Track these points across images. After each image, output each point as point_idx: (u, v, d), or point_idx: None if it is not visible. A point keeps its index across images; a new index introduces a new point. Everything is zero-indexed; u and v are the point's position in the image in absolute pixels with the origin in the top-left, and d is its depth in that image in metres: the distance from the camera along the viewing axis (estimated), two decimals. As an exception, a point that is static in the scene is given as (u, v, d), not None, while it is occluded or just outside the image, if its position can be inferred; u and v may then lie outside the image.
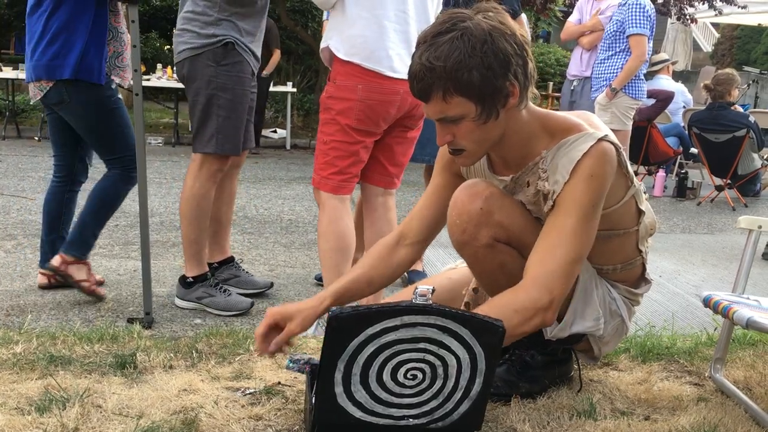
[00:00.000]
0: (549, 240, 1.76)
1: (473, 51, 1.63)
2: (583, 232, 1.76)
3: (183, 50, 2.75)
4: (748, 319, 1.81)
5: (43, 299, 2.95)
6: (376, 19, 2.49)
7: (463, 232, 1.86)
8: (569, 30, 5.98)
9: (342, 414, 1.62)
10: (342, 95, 2.54)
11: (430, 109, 1.73)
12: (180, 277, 2.96)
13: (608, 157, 1.77)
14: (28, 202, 4.91)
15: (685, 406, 2.04)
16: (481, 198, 1.84)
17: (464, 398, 1.66)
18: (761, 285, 3.82)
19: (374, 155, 2.69)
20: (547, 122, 1.85)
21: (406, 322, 1.59)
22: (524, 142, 1.84)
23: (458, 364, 1.64)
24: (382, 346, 1.60)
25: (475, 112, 1.70)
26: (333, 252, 2.58)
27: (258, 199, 5.59)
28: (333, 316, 1.57)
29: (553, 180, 1.79)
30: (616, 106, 5.18)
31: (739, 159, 6.52)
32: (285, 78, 11.24)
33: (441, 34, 1.66)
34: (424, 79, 1.67)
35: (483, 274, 1.94)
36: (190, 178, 2.84)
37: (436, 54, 1.65)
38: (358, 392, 1.62)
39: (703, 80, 7.82)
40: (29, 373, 2.02)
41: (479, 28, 1.65)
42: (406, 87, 2.53)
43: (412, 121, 2.68)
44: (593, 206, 1.76)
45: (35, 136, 8.73)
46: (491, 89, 1.67)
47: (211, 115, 2.76)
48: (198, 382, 2.02)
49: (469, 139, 1.76)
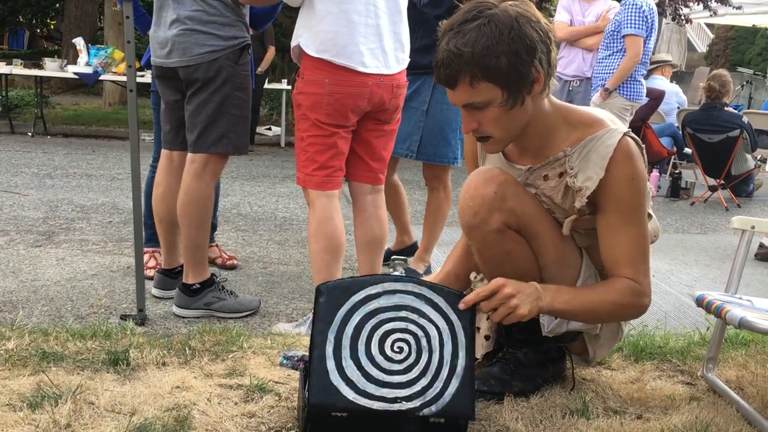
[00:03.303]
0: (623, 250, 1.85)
1: (501, 37, 1.66)
2: (647, 230, 1.89)
3: (203, 53, 2.64)
4: (740, 318, 1.82)
5: (36, 295, 2.94)
6: (345, 13, 2.47)
7: (475, 215, 1.88)
8: (572, 30, 5.84)
9: (335, 394, 1.64)
10: (310, 90, 2.52)
11: (457, 96, 1.75)
12: (181, 286, 2.81)
13: (637, 154, 1.84)
14: (21, 198, 4.89)
15: (678, 405, 2.05)
16: (495, 183, 1.86)
17: (451, 375, 1.71)
18: (754, 285, 3.84)
19: (355, 151, 2.68)
20: (569, 114, 1.88)
21: (387, 289, 1.74)
22: (545, 132, 1.86)
23: (439, 336, 1.73)
24: (367, 314, 1.72)
25: (502, 97, 1.73)
26: (323, 253, 2.57)
27: (252, 197, 5.58)
28: (319, 287, 1.71)
29: (585, 177, 1.82)
30: (611, 107, 5.17)
31: (732, 159, 6.54)
32: (280, 75, 11.23)
33: (468, 22, 1.69)
34: (451, 65, 1.69)
35: (489, 261, 1.94)
36: (193, 179, 2.73)
37: (464, 40, 1.67)
38: (349, 368, 1.67)
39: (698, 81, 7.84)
40: (21, 370, 2.01)
41: (506, 14, 1.68)
42: (375, 80, 2.54)
43: (386, 115, 2.67)
44: (644, 205, 1.87)
45: (29, 131, 8.70)
46: (518, 75, 1.70)
47: (224, 115, 2.70)
48: (191, 379, 2.02)
49: (496, 126, 1.78)
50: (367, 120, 2.64)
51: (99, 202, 4.93)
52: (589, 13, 5.79)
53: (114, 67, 7.97)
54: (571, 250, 1.95)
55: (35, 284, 3.09)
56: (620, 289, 1.84)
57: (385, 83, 2.56)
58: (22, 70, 8.68)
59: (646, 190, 1.87)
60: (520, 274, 1.89)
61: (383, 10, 2.55)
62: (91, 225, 4.26)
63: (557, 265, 1.93)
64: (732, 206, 6.56)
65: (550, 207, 1.91)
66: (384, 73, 2.55)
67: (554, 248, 1.92)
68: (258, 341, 2.37)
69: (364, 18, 2.50)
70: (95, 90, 12.99)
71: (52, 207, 4.68)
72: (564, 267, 1.94)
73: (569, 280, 1.95)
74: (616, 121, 1.90)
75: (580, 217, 1.89)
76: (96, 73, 7.98)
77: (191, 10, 2.65)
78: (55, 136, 8.80)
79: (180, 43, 2.66)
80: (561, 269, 1.94)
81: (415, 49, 2.90)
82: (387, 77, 2.57)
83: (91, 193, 5.25)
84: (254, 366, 2.15)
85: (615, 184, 1.81)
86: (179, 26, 2.66)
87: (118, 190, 5.45)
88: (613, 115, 1.98)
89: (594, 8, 5.76)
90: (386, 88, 2.57)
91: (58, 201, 4.89)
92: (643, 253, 1.87)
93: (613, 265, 1.87)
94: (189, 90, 2.72)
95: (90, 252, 3.65)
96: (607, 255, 1.88)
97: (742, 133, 6.41)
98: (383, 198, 2.82)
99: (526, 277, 1.91)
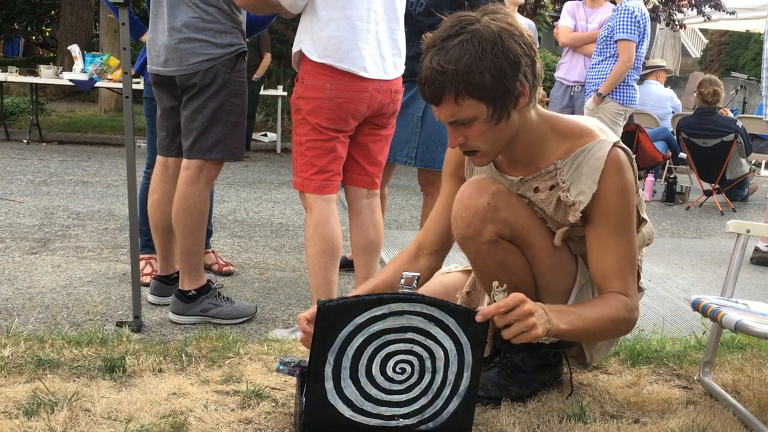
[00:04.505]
0: (612, 263, 1.85)
1: (484, 53, 1.65)
2: (635, 241, 1.90)
3: (199, 61, 2.64)
4: (736, 322, 1.82)
5: (32, 303, 2.93)
6: (348, 19, 2.48)
7: (468, 226, 1.87)
8: (575, 36, 5.85)
9: (332, 412, 1.62)
10: (310, 95, 2.53)
11: (442, 112, 1.75)
12: (177, 292, 2.81)
13: (627, 165, 1.84)
14: (17, 205, 4.88)
15: (674, 409, 2.05)
16: (488, 193, 1.86)
17: (453, 394, 1.67)
18: (749, 289, 3.84)
19: (352, 156, 2.69)
20: (556, 124, 1.88)
21: (393, 310, 1.63)
22: (534, 143, 1.86)
23: (446, 357, 1.66)
24: (371, 336, 1.63)
25: (487, 113, 1.72)
26: (320, 256, 2.57)
27: (248, 203, 5.58)
28: (321, 305, 1.60)
29: (577, 191, 1.83)
30: (604, 112, 5.19)
31: (727, 164, 6.56)
32: (275, 82, 11.23)
33: (450, 38, 1.68)
34: (435, 83, 1.69)
35: (483, 271, 1.94)
36: (188, 186, 2.73)
37: (446, 57, 1.66)
38: (347, 387, 1.63)
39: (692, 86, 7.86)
40: (17, 377, 2.01)
41: (488, 30, 1.67)
42: (375, 85, 2.55)
43: (383, 120, 2.68)
44: (633, 215, 1.87)
45: (24, 139, 8.68)
46: (503, 90, 1.70)
47: (219, 121, 2.71)
48: (187, 385, 2.01)
49: (482, 140, 1.78)
50: (365, 125, 2.65)
51: (94, 209, 4.92)
52: (593, 19, 5.81)
53: (109, 74, 7.97)
54: (566, 257, 1.95)
55: (31, 291, 3.08)
56: (615, 305, 1.83)
57: (384, 88, 2.58)
58: (18, 77, 8.67)
59: (635, 201, 1.87)
60: (514, 284, 1.88)
61: (382, 17, 2.56)
62: (87, 232, 4.25)
63: (552, 274, 1.93)
64: (727, 210, 6.58)
65: (542, 216, 1.91)
66: (383, 78, 2.57)
67: (549, 257, 1.92)
68: (254, 347, 2.37)
69: (366, 24, 2.51)
70: (91, 97, 12.97)
71: (47, 214, 4.67)
72: (559, 275, 1.94)
73: (565, 288, 1.95)
74: (606, 130, 1.90)
75: (572, 227, 1.89)
76: (91, 80, 7.97)
77: (187, 17, 2.65)
78: (50, 143, 8.79)
79: (176, 51, 2.66)
80: (556, 277, 1.94)
81: (411, 56, 2.91)
82: (386, 83, 2.59)
83: (86, 200, 5.24)
84: (251, 372, 2.14)
85: (604, 197, 1.81)
86: (175, 34, 2.66)
87: (113, 196, 5.44)
88: (604, 121, 1.99)
89: (598, 15, 5.78)
90: (385, 93, 2.59)
91: (53, 208, 4.88)
92: (631, 265, 1.87)
93: (603, 278, 1.87)
94: (185, 96, 2.72)
95: (86, 259, 3.64)
96: (595, 267, 1.87)
97: (736, 137, 6.43)
98: (379, 202, 2.83)
99: (521, 286, 1.91)
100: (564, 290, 1.94)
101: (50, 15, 18.57)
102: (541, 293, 1.95)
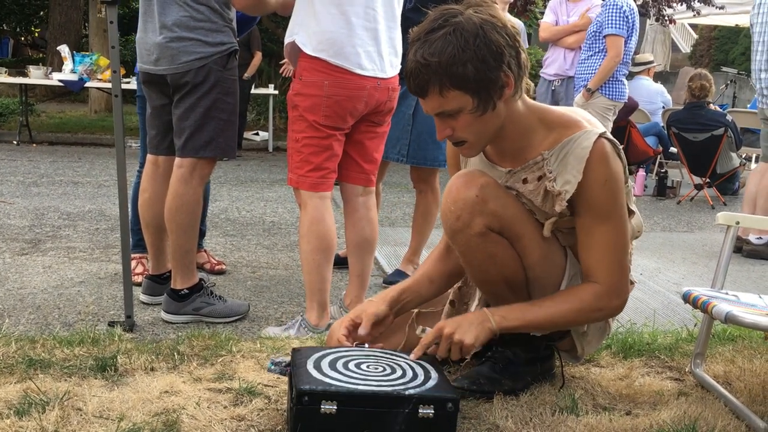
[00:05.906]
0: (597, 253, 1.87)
1: (466, 45, 1.68)
2: (624, 230, 1.89)
3: (191, 60, 2.64)
4: (727, 313, 1.83)
5: (23, 304, 2.92)
6: (345, 15, 2.48)
7: (457, 219, 1.88)
8: (553, 29, 5.91)
9: (322, 384, 1.68)
10: (309, 92, 2.52)
11: (428, 105, 1.78)
12: (169, 291, 2.80)
13: (612, 155, 1.84)
14: (7, 207, 4.86)
15: (666, 400, 2.06)
16: (476, 186, 1.87)
17: (428, 379, 1.77)
18: (740, 281, 3.86)
19: (348, 153, 2.69)
20: (544, 115, 1.89)
21: (357, 352, 1.90)
22: (522, 134, 1.88)
23: (412, 369, 1.83)
24: (341, 356, 1.85)
25: (472, 104, 1.74)
26: (314, 253, 2.57)
27: (240, 202, 5.57)
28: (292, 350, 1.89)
29: (563, 180, 1.83)
30: (593, 107, 5.20)
31: (717, 158, 6.59)
32: (267, 80, 11.22)
33: (434, 31, 1.71)
34: (420, 76, 1.72)
35: (473, 264, 1.95)
36: (180, 185, 2.71)
37: (430, 50, 1.69)
38: (331, 374, 1.74)
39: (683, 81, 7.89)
40: (8, 377, 1.99)
41: (471, 22, 1.70)
42: (373, 83, 2.55)
43: (379, 117, 2.68)
44: (620, 205, 1.86)
45: (14, 140, 8.64)
46: (487, 81, 1.72)
47: (211, 119, 2.70)
48: (180, 383, 2.01)
49: (469, 131, 1.80)
50: (361, 122, 2.65)
51: (85, 209, 4.91)
52: (574, 13, 5.84)
53: (99, 74, 7.94)
54: (555, 249, 1.96)
55: (22, 292, 3.07)
56: (582, 296, 1.88)
57: (382, 86, 2.58)
58: (7, 78, 8.63)
59: (622, 191, 1.86)
60: (505, 276, 1.91)
61: (381, 15, 2.56)
62: (78, 232, 4.23)
63: (542, 265, 1.94)
64: (718, 204, 6.61)
65: (530, 208, 1.92)
66: (380, 76, 2.57)
67: (538, 248, 1.93)
68: (247, 345, 2.36)
69: (363, 21, 2.51)
70: (81, 97, 12.91)
71: (38, 215, 4.65)
72: (549, 266, 1.95)
73: (554, 279, 1.96)
74: (593, 121, 1.91)
75: (560, 218, 1.90)
76: (81, 80, 7.93)
77: (178, 16, 2.64)
78: (40, 144, 8.75)
79: (168, 49, 2.66)
80: (546, 269, 1.95)
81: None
82: (384, 81, 2.59)
83: (77, 201, 5.23)
84: (243, 369, 2.14)
85: (588, 187, 1.82)
86: (166, 33, 2.65)
87: (104, 197, 5.42)
88: (593, 114, 2.00)
89: (579, 8, 5.81)
90: (383, 91, 2.59)
91: (44, 209, 4.86)
92: (617, 254, 1.88)
93: (588, 268, 1.89)
94: (177, 95, 2.71)
95: (77, 259, 3.63)
96: (582, 256, 1.90)
97: (726, 131, 6.47)
98: (374, 200, 2.83)
99: (512, 278, 1.92)
100: (554, 282, 1.95)
101: (39, 15, 18.47)
102: (531, 285, 1.96)
